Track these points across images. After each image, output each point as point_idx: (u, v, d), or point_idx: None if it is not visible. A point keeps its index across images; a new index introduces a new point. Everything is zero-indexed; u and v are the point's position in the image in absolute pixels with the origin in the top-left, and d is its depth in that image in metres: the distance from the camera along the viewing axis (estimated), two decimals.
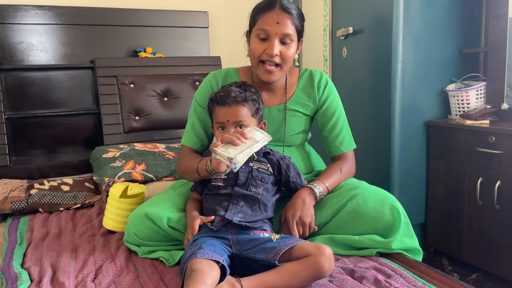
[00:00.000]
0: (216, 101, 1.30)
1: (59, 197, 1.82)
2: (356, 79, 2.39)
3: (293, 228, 1.27)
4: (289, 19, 1.32)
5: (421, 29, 2.09)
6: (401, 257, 1.25)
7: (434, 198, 2.20)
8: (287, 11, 1.33)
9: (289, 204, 1.32)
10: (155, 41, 2.55)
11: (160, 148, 2.14)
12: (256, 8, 1.39)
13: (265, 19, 1.33)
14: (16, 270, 1.21)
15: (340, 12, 2.49)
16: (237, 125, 1.29)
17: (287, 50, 1.35)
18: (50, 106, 2.33)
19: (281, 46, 1.34)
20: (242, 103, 1.29)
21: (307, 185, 1.35)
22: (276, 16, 1.32)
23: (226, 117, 1.29)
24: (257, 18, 1.36)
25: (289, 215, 1.29)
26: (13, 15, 2.23)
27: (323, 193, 1.35)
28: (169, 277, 1.17)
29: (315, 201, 1.33)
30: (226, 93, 1.29)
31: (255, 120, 1.32)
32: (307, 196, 1.31)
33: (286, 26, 1.32)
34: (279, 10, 1.32)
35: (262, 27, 1.33)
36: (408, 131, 2.13)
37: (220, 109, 1.30)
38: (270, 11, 1.33)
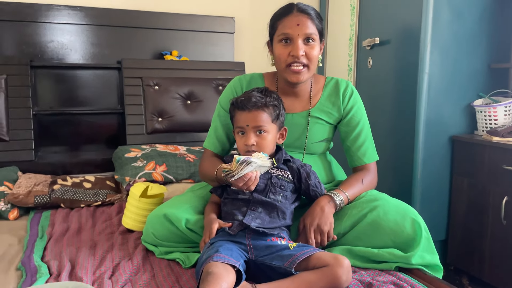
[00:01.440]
0: (237, 105, 1.31)
1: (80, 194, 1.85)
2: (380, 90, 2.37)
3: (310, 235, 1.25)
4: (308, 19, 1.35)
5: (449, 41, 2.06)
6: (420, 273, 1.22)
7: (456, 214, 2.15)
8: (305, 12, 1.36)
9: (307, 212, 1.31)
10: (181, 44, 2.58)
11: (181, 150, 2.16)
12: (274, 16, 1.42)
13: (285, 23, 1.36)
14: (36, 263, 1.24)
15: (367, 22, 2.48)
16: (256, 130, 1.28)
17: (311, 50, 1.36)
18: (76, 104, 2.38)
19: (305, 47, 1.35)
20: (262, 108, 1.29)
21: (327, 193, 1.34)
22: (295, 18, 1.35)
23: (246, 121, 1.29)
24: (277, 25, 1.38)
25: (307, 222, 1.28)
26: (45, 14, 2.29)
27: (343, 202, 1.33)
28: (184, 279, 1.17)
29: (334, 209, 1.31)
30: (247, 98, 1.30)
31: (275, 125, 1.32)
32: (327, 204, 1.30)
33: (307, 27, 1.34)
34: (297, 13, 1.35)
35: (284, 31, 1.35)
36: (432, 145, 2.09)
37: (240, 113, 1.30)
38: (289, 15, 1.36)
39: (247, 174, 1.19)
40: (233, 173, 1.17)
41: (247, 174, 1.19)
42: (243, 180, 1.19)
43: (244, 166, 1.15)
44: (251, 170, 1.19)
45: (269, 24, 1.43)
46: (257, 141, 1.28)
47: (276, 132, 1.33)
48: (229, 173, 1.18)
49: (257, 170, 1.21)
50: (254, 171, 1.20)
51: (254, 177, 1.20)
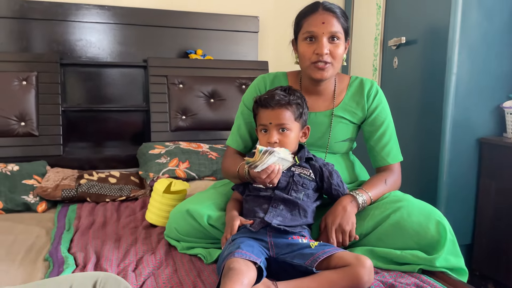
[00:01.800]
0: (260, 103, 1.32)
1: (106, 189, 1.89)
2: (406, 91, 2.33)
3: (332, 235, 1.25)
4: (334, 18, 1.35)
5: (478, 41, 2.01)
6: (445, 276, 1.19)
7: (482, 219, 2.09)
8: (330, 10, 1.35)
9: (329, 211, 1.30)
10: (206, 43, 2.60)
11: (204, 148, 2.18)
12: (299, 14, 1.42)
13: (310, 21, 1.36)
14: (63, 254, 1.27)
15: (393, 21, 2.44)
16: (279, 128, 1.28)
17: (336, 48, 1.35)
18: (103, 101, 2.44)
19: (330, 45, 1.35)
20: (285, 106, 1.29)
21: (349, 193, 1.33)
22: (321, 16, 1.34)
23: (269, 119, 1.29)
24: (302, 23, 1.38)
25: (328, 221, 1.27)
26: (75, 13, 2.35)
27: (366, 202, 1.32)
28: (206, 274, 1.18)
29: (357, 209, 1.30)
30: (270, 96, 1.30)
31: (298, 124, 1.32)
32: (349, 203, 1.29)
33: (332, 25, 1.34)
34: (322, 11, 1.35)
35: (308, 29, 1.35)
36: (458, 147, 2.05)
37: (263, 111, 1.31)
38: (314, 13, 1.36)
39: (270, 166, 1.19)
40: (256, 163, 1.16)
41: (270, 166, 1.19)
42: (266, 172, 1.19)
43: (267, 156, 1.15)
44: (274, 162, 1.18)
45: (294, 22, 1.43)
46: (279, 139, 1.28)
47: (299, 130, 1.33)
48: (252, 164, 1.17)
49: (279, 163, 1.21)
50: (277, 164, 1.20)
51: (277, 170, 1.20)
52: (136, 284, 1.11)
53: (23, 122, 2.12)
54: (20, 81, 2.14)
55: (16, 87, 2.12)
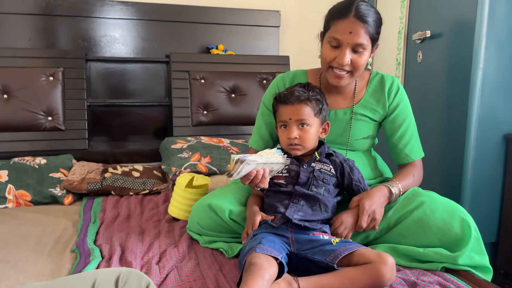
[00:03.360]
0: (280, 99, 1.31)
1: (129, 182, 1.93)
2: (430, 86, 2.29)
3: (365, 218, 1.24)
4: (363, 28, 1.26)
5: (506, 36, 1.95)
6: (469, 275, 1.18)
7: (508, 216, 2.05)
8: (362, 19, 1.26)
9: (367, 194, 1.29)
10: (227, 38, 2.61)
11: (225, 143, 2.19)
12: (331, 12, 1.34)
13: (338, 26, 1.28)
14: (90, 246, 1.31)
15: (417, 14, 2.40)
16: (299, 123, 1.28)
17: (359, 58, 1.31)
18: (126, 96, 2.48)
19: (353, 55, 1.30)
20: (305, 102, 1.28)
21: (385, 185, 1.32)
22: (349, 25, 1.26)
23: (289, 115, 1.29)
24: (330, 24, 1.31)
25: (365, 204, 1.25)
26: (99, 9, 2.39)
27: (397, 195, 1.33)
28: (227, 268, 1.20)
29: (389, 202, 1.31)
30: (290, 92, 1.30)
31: (317, 119, 1.31)
32: (386, 195, 1.30)
33: (359, 36, 1.27)
34: (353, 19, 1.26)
35: (334, 35, 1.29)
36: (484, 144, 2.00)
37: (283, 107, 1.30)
38: (344, 19, 1.27)
39: (251, 172, 1.19)
40: (231, 172, 1.15)
41: (251, 172, 1.19)
42: (247, 179, 1.20)
43: (239, 164, 1.14)
44: (253, 169, 1.18)
45: (325, 17, 1.36)
46: (299, 134, 1.28)
47: (318, 126, 1.32)
48: (228, 172, 1.17)
49: (265, 167, 1.21)
50: (263, 168, 1.20)
51: (261, 175, 1.20)
52: (160, 276, 1.13)
53: (50, 116, 2.18)
54: (47, 77, 2.20)
55: (43, 83, 2.18)
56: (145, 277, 0.85)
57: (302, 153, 1.32)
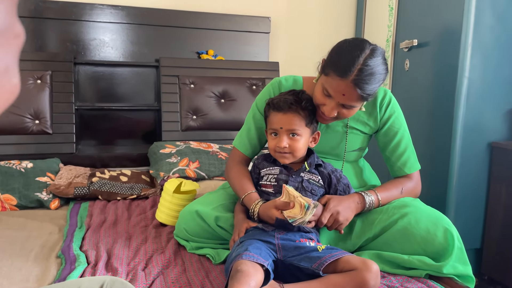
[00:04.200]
0: (273, 106, 1.30)
1: (117, 187, 1.92)
2: (417, 93, 2.32)
3: (326, 215, 1.23)
4: (357, 95, 1.19)
5: (491, 45, 1.99)
6: (452, 282, 1.20)
7: (492, 223, 2.08)
8: (359, 86, 1.17)
9: (336, 196, 1.30)
10: (217, 44, 2.62)
11: (214, 148, 2.20)
12: (334, 59, 1.22)
13: (333, 83, 1.20)
14: (75, 252, 1.30)
15: (405, 23, 2.43)
16: (290, 132, 1.28)
17: (347, 112, 1.27)
18: (115, 100, 2.47)
19: (341, 109, 1.25)
20: (297, 111, 1.27)
21: (360, 193, 1.33)
22: (344, 88, 1.19)
23: (280, 123, 1.28)
24: (329, 71, 1.21)
25: (331, 203, 1.25)
26: (89, 13, 2.39)
27: (374, 203, 1.32)
28: (214, 275, 1.20)
29: (361, 210, 1.31)
30: (283, 100, 1.28)
31: (308, 130, 1.30)
32: (357, 202, 1.30)
33: (350, 100, 1.21)
34: (350, 84, 1.17)
35: (328, 88, 1.22)
36: (469, 151, 2.03)
37: (275, 115, 1.29)
38: (341, 79, 1.18)
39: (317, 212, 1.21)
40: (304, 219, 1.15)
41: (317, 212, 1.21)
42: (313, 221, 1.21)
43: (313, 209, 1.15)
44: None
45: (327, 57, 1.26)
46: (289, 144, 1.28)
47: (309, 136, 1.32)
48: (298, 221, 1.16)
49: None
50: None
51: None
52: (145, 283, 1.13)
53: (37, 120, 2.16)
54: (35, 80, 2.18)
55: (31, 86, 2.16)
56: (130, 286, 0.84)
57: (290, 161, 1.32)
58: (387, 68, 1.23)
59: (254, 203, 1.27)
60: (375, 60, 1.18)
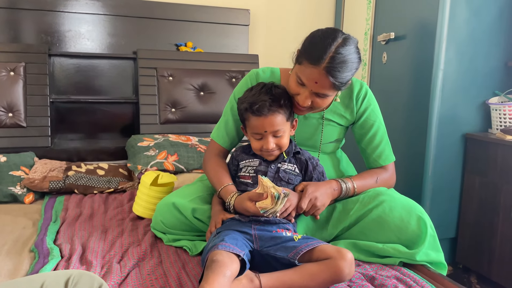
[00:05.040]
0: (251, 111, 1.26)
1: (94, 181, 1.90)
2: (394, 86, 2.35)
3: (305, 200, 1.24)
4: (329, 83, 1.19)
5: (466, 38, 2.03)
6: (424, 269, 1.22)
7: (466, 213, 2.13)
8: (331, 73, 1.17)
9: (313, 183, 1.31)
10: (196, 36, 2.60)
11: (193, 141, 2.18)
12: (307, 48, 1.22)
13: (306, 71, 1.21)
14: (49, 246, 1.28)
15: (383, 16, 2.46)
16: (274, 134, 1.27)
17: (321, 101, 1.27)
18: (92, 93, 2.43)
19: (315, 98, 1.26)
20: (277, 112, 1.26)
21: (337, 179, 1.35)
22: (317, 75, 1.19)
23: (264, 127, 1.26)
24: (302, 60, 1.22)
25: (309, 189, 1.26)
26: (64, 3, 2.33)
27: (350, 190, 1.34)
28: (190, 266, 1.20)
29: (337, 197, 1.33)
30: (262, 104, 1.25)
31: (289, 123, 1.31)
32: (333, 189, 1.32)
33: (323, 88, 1.22)
34: (322, 71, 1.17)
35: (301, 77, 1.23)
36: (444, 142, 2.08)
37: (256, 119, 1.27)
38: (313, 67, 1.18)
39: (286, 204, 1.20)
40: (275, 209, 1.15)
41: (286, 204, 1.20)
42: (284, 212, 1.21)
43: (284, 198, 1.14)
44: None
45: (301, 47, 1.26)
46: (276, 143, 1.28)
47: (289, 127, 1.33)
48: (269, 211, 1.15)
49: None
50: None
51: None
52: (120, 275, 1.12)
53: (10, 113, 2.11)
54: (8, 72, 2.13)
55: (3, 78, 2.11)
56: (98, 279, 0.83)
57: (277, 154, 1.32)
58: (360, 58, 1.24)
59: (230, 196, 1.27)
60: (347, 48, 1.19)
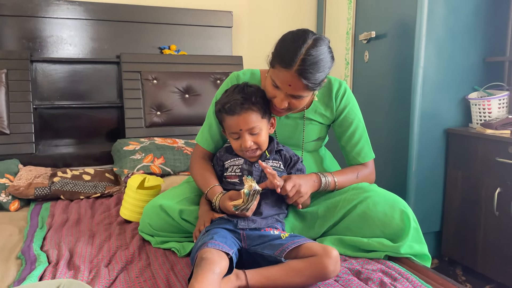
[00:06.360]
0: (225, 111, 1.29)
1: (80, 186, 1.89)
2: (377, 84, 2.39)
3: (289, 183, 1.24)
4: (302, 85, 1.21)
5: (444, 36, 2.07)
6: (409, 262, 1.25)
7: (450, 206, 2.18)
8: (303, 76, 1.19)
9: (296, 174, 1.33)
10: (180, 39, 2.61)
11: (179, 143, 2.19)
12: (278, 52, 1.25)
13: (279, 75, 1.23)
14: (36, 252, 1.27)
15: (363, 16, 2.49)
16: (250, 131, 1.29)
17: (297, 102, 1.29)
18: (76, 98, 2.42)
19: (291, 99, 1.28)
20: (250, 109, 1.27)
21: (317, 173, 1.37)
22: (290, 78, 1.21)
23: (238, 126, 1.28)
24: (274, 64, 1.25)
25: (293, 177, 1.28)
26: (45, 9, 2.32)
27: (330, 184, 1.37)
28: (179, 267, 1.20)
29: (317, 189, 1.35)
30: (233, 102, 1.27)
31: (265, 120, 1.32)
32: (313, 181, 1.34)
33: (297, 90, 1.24)
34: (294, 74, 1.19)
35: (275, 80, 1.25)
36: (427, 138, 2.12)
37: (230, 118, 1.29)
38: (285, 70, 1.21)
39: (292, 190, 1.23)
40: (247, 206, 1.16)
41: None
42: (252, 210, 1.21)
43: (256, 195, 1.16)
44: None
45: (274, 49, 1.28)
46: (253, 141, 1.29)
47: (267, 125, 1.34)
48: (240, 208, 1.17)
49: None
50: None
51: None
52: (108, 279, 1.12)
53: None
54: None
55: None
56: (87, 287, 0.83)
57: (259, 154, 1.34)
58: (332, 57, 1.26)
59: (215, 196, 1.29)
60: (318, 49, 1.20)
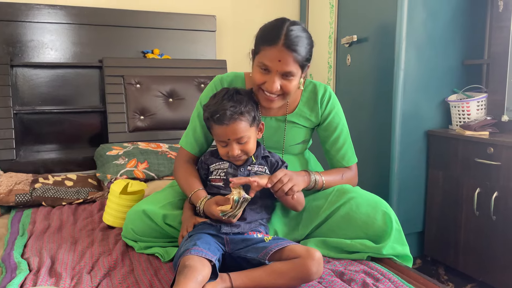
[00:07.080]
0: (213, 120, 1.28)
1: (62, 192, 1.86)
2: (359, 87, 2.42)
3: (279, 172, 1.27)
4: (292, 57, 1.25)
5: (424, 39, 2.11)
6: (391, 262, 1.27)
7: (432, 207, 2.21)
8: (291, 48, 1.24)
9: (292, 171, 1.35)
10: (163, 43, 2.60)
11: (163, 148, 2.18)
12: (261, 35, 1.31)
13: (267, 53, 1.27)
14: (16, 260, 1.25)
15: (345, 20, 2.53)
16: (238, 141, 1.28)
17: (289, 84, 1.30)
18: (58, 103, 2.39)
19: (282, 81, 1.29)
20: (240, 119, 1.26)
21: (307, 171, 1.39)
22: (278, 53, 1.25)
23: (227, 135, 1.27)
24: (260, 48, 1.29)
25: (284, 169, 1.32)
26: (25, 13, 2.29)
27: (318, 183, 1.38)
28: (162, 272, 1.20)
29: (306, 185, 1.36)
30: (222, 112, 1.25)
31: (254, 128, 1.32)
32: (303, 175, 1.36)
33: (287, 64, 1.26)
34: (282, 47, 1.24)
35: (264, 61, 1.28)
36: (408, 140, 2.15)
37: (218, 128, 1.28)
38: (272, 47, 1.25)
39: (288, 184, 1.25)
40: (235, 213, 1.17)
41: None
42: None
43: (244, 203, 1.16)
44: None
45: (256, 39, 1.33)
46: (241, 149, 1.29)
47: (255, 132, 1.34)
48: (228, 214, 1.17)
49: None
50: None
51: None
52: (91, 285, 1.11)
53: None
54: None
55: None
56: None
57: (245, 159, 1.34)
58: (310, 36, 1.33)
59: (200, 200, 1.28)
60: (297, 27, 1.28)
